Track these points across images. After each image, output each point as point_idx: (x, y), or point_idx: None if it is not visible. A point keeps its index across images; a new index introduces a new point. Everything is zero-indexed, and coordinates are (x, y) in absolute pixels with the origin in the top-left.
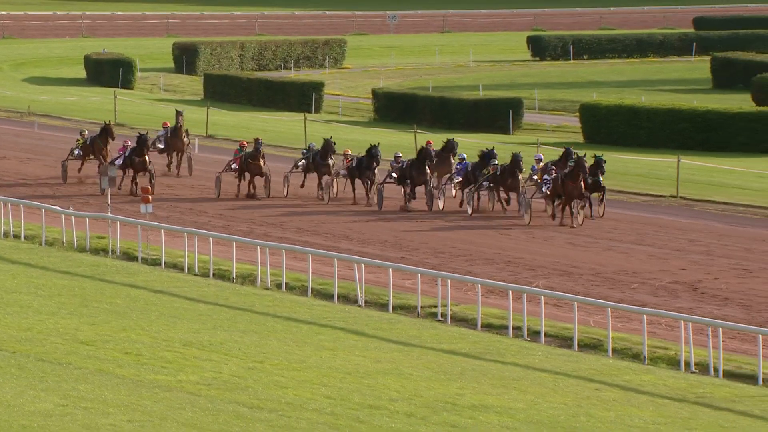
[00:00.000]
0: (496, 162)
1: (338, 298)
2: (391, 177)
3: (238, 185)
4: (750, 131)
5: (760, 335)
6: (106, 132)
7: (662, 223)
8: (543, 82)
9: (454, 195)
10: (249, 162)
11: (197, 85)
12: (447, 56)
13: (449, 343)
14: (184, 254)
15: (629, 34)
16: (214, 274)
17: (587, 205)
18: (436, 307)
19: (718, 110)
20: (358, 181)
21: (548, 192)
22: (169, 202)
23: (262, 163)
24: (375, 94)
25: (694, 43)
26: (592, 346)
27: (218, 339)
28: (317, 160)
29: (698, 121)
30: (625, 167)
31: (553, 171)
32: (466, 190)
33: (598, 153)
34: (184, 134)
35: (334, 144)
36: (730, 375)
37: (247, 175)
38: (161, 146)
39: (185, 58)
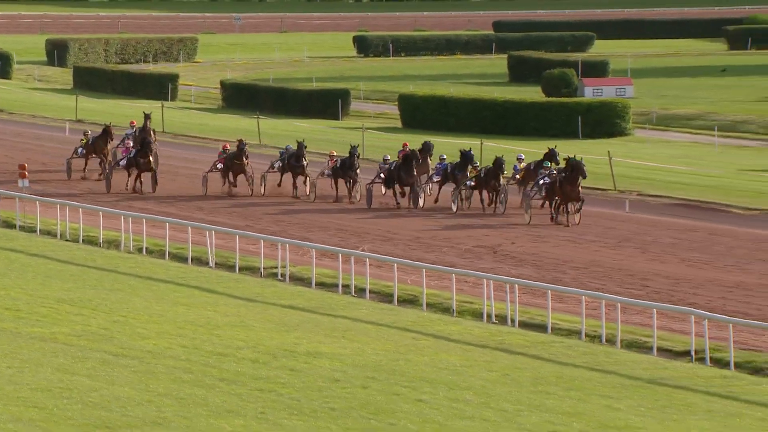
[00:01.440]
0: (478, 164)
1: (192, 260)
2: (379, 178)
3: (224, 183)
4: (541, 118)
5: (549, 291)
6: (106, 133)
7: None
8: (367, 76)
9: (429, 193)
10: (234, 162)
11: (67, 76)
12: (284, 53)
13: (288, 299)
14: (56, 222)
15: (440, 35)
16: (83, 240)
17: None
18: (276, 268)
19: (514, 100)
20: (341, 180)
21: (545, 194)
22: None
23: (245, 162)
24: (223, 84)
25: (494, 43)
26: (410, 301)
27: (87, 296)
28: (291, 161)
29: (498, 109)
30: (437, 149)
31: (544, 172)
32: (452, 189)
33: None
34: (152, 133)
35: (305, 147)
36: (524, 325)
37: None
38: (130, 143)
39: (57, 53)
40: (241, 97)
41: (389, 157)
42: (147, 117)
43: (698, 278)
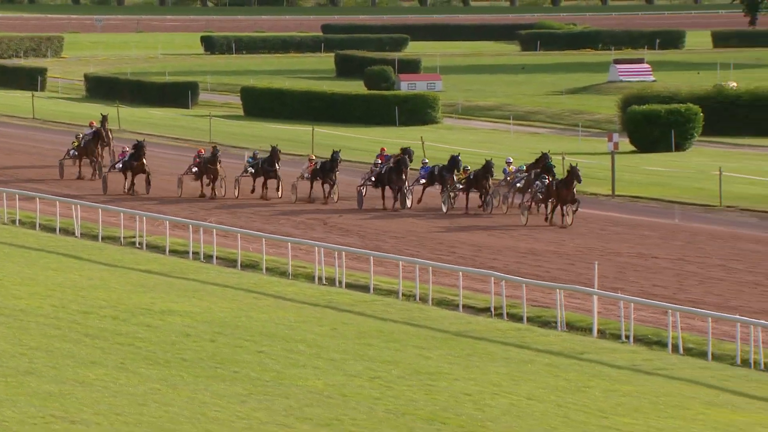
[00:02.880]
0: (469, 167)
1: (60, 231)
2: (370, 180)
3: (202, 186)
4: (364, 109)
5: (371, 257)
6: (98, 136)
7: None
8: (213, 71)
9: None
10: (208, 166)
11: None
12: (141, 50)
13: (145, 265)
14: None
15: (276, 36)
16: None
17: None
18: (134, 237)
19: (340, 93)
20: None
21: (540, 195)
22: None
23: (219, 167)
24: (86, 77)
25: (323, 44)
26: (251, 266)
27: None
28: (265, 166)
29: (327, 100)
30: (276, 134)
31: (519, 176)
32: (440, 191)
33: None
34: (109, 133)
35: (280, 151)
36: (350, 286)
37: (205, 177)
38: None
39: None
40: (103, 88)
41: (380, 162)
42: (104, 119)
43: (497, 246)
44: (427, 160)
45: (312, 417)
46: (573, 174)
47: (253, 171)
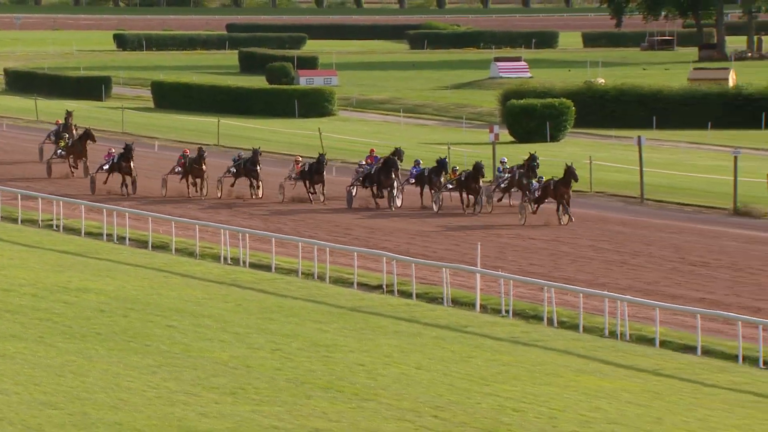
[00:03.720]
0: (457, 168)
1: None
2: (358, 180)
3: (188, 186)
4: (266, 102)
5: (273, 239)
6: (87, 136)
7: (211, 164)
8: (125, 66)
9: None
10: (193, 166)
11: None
12: (57, 47)
13: (62, 246)
14: None
15: (184, 34)
16: None
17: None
18: (52, 220)
19: (244, 87)
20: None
21: (537, 194)
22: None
23: (203, 167)
24: (6, 72)
25: (227, 42)
26: (161, 247)
27: None
28: (248, 166)
29: (231, 94)
30: (184, 125)
31: (504, 175)
32: (433, 190)
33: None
34: (74, 129)
35: (261, 154)
36: (253, 265)
37: (190, 176)
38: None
39: None
40: (21, 82)
41: (364, 162)
42: (69, 114)
43: (389, 228)
44: (420, 161)
45: (218, 386)
46: (570, 173)
47: (234, 171)
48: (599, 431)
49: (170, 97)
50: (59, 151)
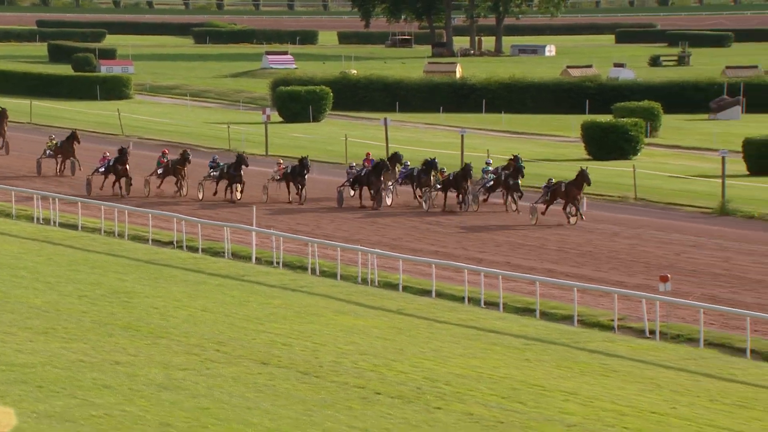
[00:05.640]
0: (445, 169)
1: None
2: (349, 181)
3: (178, 186)
4: (71, 87)
5: (79, 202)
6: (73, 137)
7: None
8: None
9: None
10: (177, 167)
11: None
12: None
13: None
14: None
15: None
16: None
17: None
18: None
19: (53, 74)
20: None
21: (548, 196)
22: None
23: (185, 169)
24: None
25: (38, 35)
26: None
27: None
28: (231, 170)
29: (42, 80)
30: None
31: (486, 177)
32: (424, 190)
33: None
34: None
35: (247, 158)
36: (62, 225)
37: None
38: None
39: None
40: None
41: (355, 164)
42: (2, 111)
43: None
44: (408, 162)
45: (32, 327)
46: (583, 176)
47: (216, 174)
48: (353, 360)
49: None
50: (47, 151)
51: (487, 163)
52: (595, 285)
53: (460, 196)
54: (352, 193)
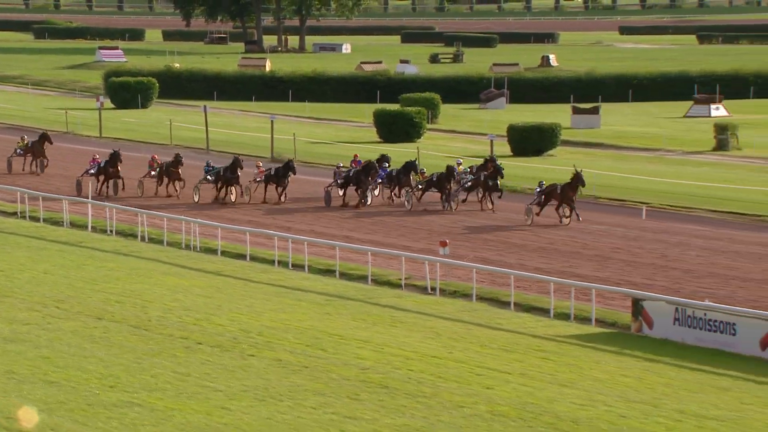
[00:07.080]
0: (425, 170)
1: None
2: (337, 182)
3: (168, 188)
4: None
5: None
6: (44, 137)
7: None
8: None
9: (377, 194)
10: (171, 170)
11: None
12: None
13: None
14: None
15: None
16: None
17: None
18: None
19: None
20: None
21: (543, 197)
22: None
23: (180, 171)
24: None
25: None
26: None
27: None
28: (227, 174)
29: None
30: None
31: (466, 177)
32: (405, 190)
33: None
34: None
35: (242, 161)
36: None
37: (166, 179)
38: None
39: None
40: None
41: (342, 165)
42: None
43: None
44: (387, 164)
45: None
46: (578, 179)
47: (212, 178)
48: (178, 315)
49: None
50: (18, 150)
51: (458, 164)
52: (386, 249)
53: (443, 196)
54: (340, 192)
